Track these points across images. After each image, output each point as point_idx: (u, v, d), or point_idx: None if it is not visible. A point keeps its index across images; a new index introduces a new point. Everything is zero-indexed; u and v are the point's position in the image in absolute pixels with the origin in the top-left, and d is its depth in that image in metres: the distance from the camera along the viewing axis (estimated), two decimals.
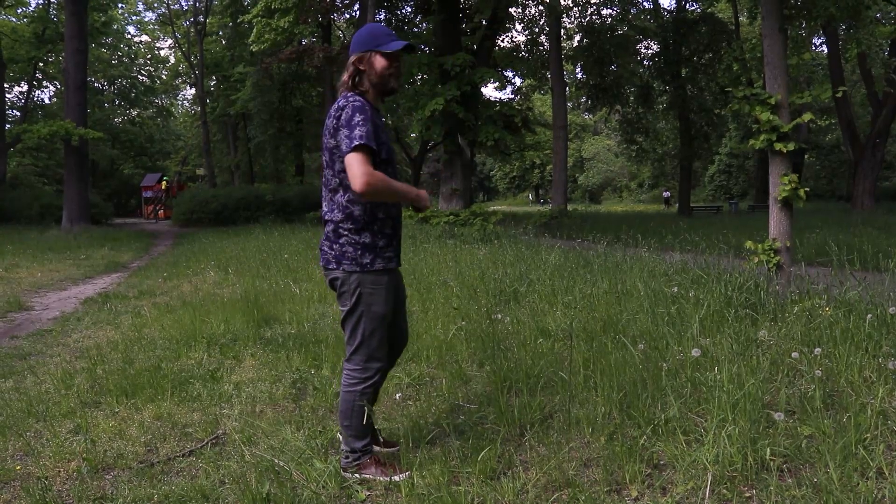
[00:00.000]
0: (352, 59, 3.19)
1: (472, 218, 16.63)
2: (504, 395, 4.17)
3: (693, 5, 32.64)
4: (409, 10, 29.11)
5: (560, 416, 3.84)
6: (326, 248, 3.20)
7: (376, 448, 3.50)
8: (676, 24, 31.24)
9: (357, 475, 3.26)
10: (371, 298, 3.14)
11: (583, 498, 2.92)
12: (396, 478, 3.17)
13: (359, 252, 3.12)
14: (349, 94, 3.13)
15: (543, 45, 30.36)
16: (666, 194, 54.18)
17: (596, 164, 73.40)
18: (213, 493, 3.16)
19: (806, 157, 42.88)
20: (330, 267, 3.18)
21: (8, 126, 31.63)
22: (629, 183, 71.29)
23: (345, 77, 3.19)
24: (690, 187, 36.15)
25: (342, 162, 3.05)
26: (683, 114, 31.87)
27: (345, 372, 3.29)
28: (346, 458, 3.31)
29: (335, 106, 3.12)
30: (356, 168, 2.91)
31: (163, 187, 44.99)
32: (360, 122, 2.97)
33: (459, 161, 22.32)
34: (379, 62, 3.14)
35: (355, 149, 2.92)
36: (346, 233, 3.13)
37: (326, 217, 3.21)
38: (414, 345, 5.43)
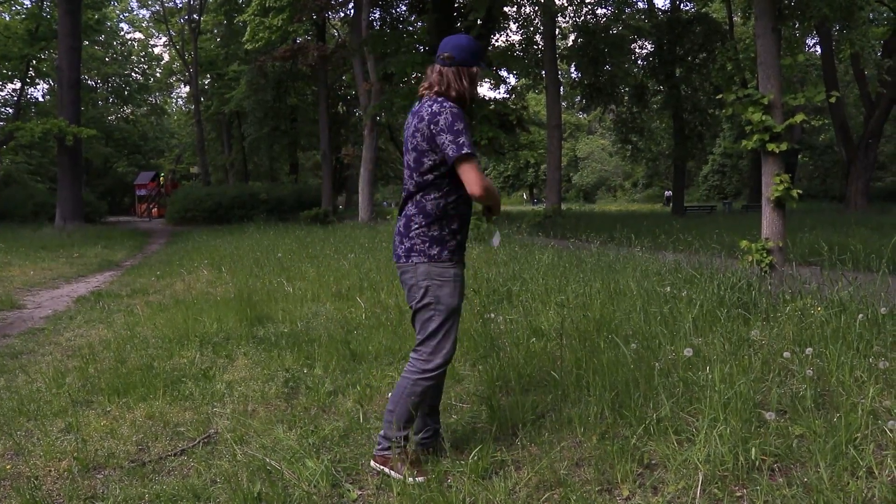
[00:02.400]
0: (469, 69, 3.27)
1: None
2: (496, 394, 4.17)
3: (687, 5, 32.73)
4: (403, 8, 29.07)
5: (552, 416, 3.85)
6: (398, 243, 3.29)
7: None
8: (671, 23, 31.29)
9: (381, 468, 3.26)
10: (440, 290, 3.19)
11: (574, 497, 2.92)
12: (411, 480, 3.10)
13: (426, 244, 3.19)
14: (443, 100, 3.19)
15: (538, 45, 30.35)
16: (668, 193, 54.13)
17: (590, 163, 73.42)
18: (204, 493, 3.16)
19: (799, 157, 42.99)
20: (400, 262, 3.26)
21: (1, 124, 31.47)
22: (623, 182, 71.38)
23: (434, 80, 3.27)
24: (684, 187, 36.19)
25: (431, 164, 3.18)
26: (677, 113, 31.92)
27: (410, 359, 3.31)
28: (380, 443, 3.32)
29: (428, 110, 3.16)
30: (473, 175, 3.09)
31: (161, 182, 45.04)
32: (464, 130, 3.09)
33: None
34: (479, 76, 3.31)
35: (467, 157, 3.08)
36: (416, 226, 3.21)
37: (403, 213, 3.31)
38: (407, 343, 5.43)
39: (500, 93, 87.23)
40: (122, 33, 54.95)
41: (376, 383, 4.66)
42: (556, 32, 29.17)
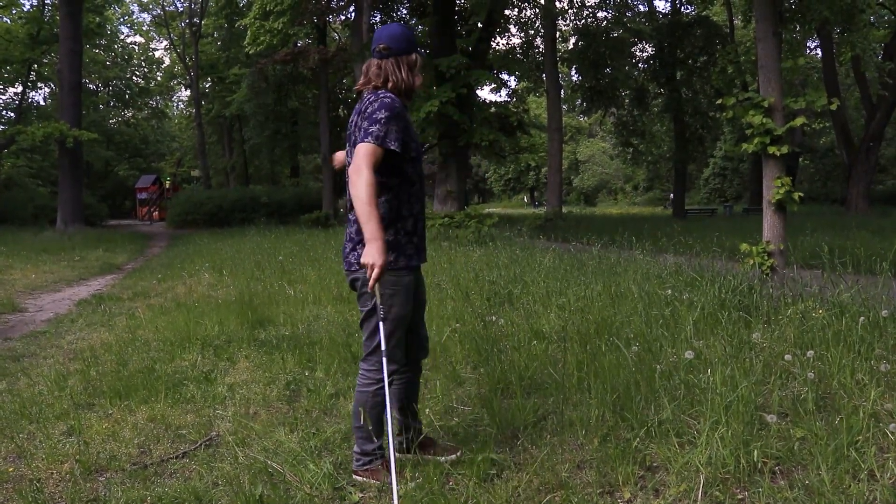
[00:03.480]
0: (408, 57, 3.19)
1: (467, 220, 16.64)
2: (498, 397, 4.17)
3: (688, 8, 32.74)
4: (404, 11, 29.10)
5: (553, 419, 3.85)
6: (348, 250, 3.18)
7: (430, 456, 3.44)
8: (671, 26, 31.29)
9: (363, 479, 3.22)
10: (391, 300, 3.08)
11: (575, 500, 2.92)
12: (412, 484, 3.09)
13: None
14: (380, 92, 3.11)
15: (539, 48, 30.40)
16: (672, 196, 53.83)
17: (591, 166, 73.39)
18: (206, 495, 3.16)
19: (801, 160, 42.95)
20: (352, 268, 3.15)
21: (2, 127, 31.50)
22: (624, 185, 71.35)
23: (373, 74, 3.18)
24: (685, 190, 36.17)
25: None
26: (678, 116, 31.90)
27: (360, 372, 3.26)
28: (357, 460, 3.28)
29: (364, 104, 3.09)
30: (362, 158, 2.90)
31: (167, 186, 45.15)
32: (384, 120, 2.97)
33: (454, 163, 22.32)
34: (418, 64, 3.21)
35: (368, 142, 2.93)
36: None
37: (351, 217, 3.16)
38: None
39: (500, 96, 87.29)
40: (123, 37, 55.07)
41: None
42: (557, 35, 29.19)
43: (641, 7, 33.45)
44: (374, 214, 2.84)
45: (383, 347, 3.02)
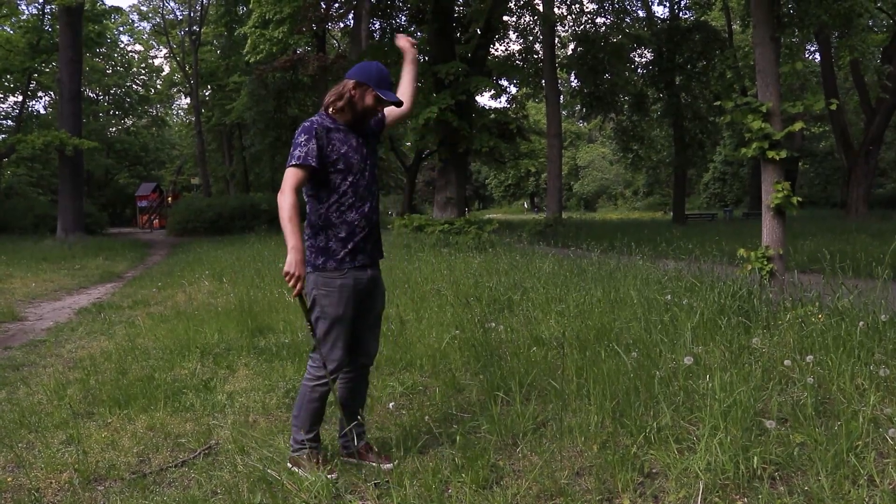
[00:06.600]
0: (350, 83, 3.39)
1: (467, 226, 16.65)
2: (497, 403, 4.16)
3: (686, 13, 32.79)
4: (403, 19, 29.15)
5: (553, 425, 3.84)
6: None
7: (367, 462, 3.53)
8: (670, 32, 31.33)
9: (294, 468, 3.38)
10: (324, 300, 3.31)
11: None
12: (324, 478, 3.22)
13: (313, 254, 3.36)
14: (316, 115, 3.42)
15: (538, 54, 30.43)
16: None
17: (591, 172, 73.42)
18: None
19: (800, 164, 42.93)
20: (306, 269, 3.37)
21: (2, 136, 31.49)
22: (624, 191, 71.34)
23: (329, 98, 3.44)
24: (685, 195, 36.15)
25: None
26: (678, 121, 31.91)
27: (307, 365, 3.47)
28: (292, 447, 3.47)
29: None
30: (285, 181, 3.26)
31: (167, 191, 45.28)
32: (302, 143, 3.28)
33: (454, 169, 22.32)
34: (370, 99, 3.38)
35: (290, 166, 3.27)
36: (307, 237, 3.39)
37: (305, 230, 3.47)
38: (408, 354, 5.44)
39: (500, 102, 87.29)
40: (123, 46, 55.22)
41: (377, 393, 4.66)
42: (556, 41, 29.22)
43: (640, 13, 33.52)
44: (291, 230, 3.17)
45: (320, 346, 3.34)
